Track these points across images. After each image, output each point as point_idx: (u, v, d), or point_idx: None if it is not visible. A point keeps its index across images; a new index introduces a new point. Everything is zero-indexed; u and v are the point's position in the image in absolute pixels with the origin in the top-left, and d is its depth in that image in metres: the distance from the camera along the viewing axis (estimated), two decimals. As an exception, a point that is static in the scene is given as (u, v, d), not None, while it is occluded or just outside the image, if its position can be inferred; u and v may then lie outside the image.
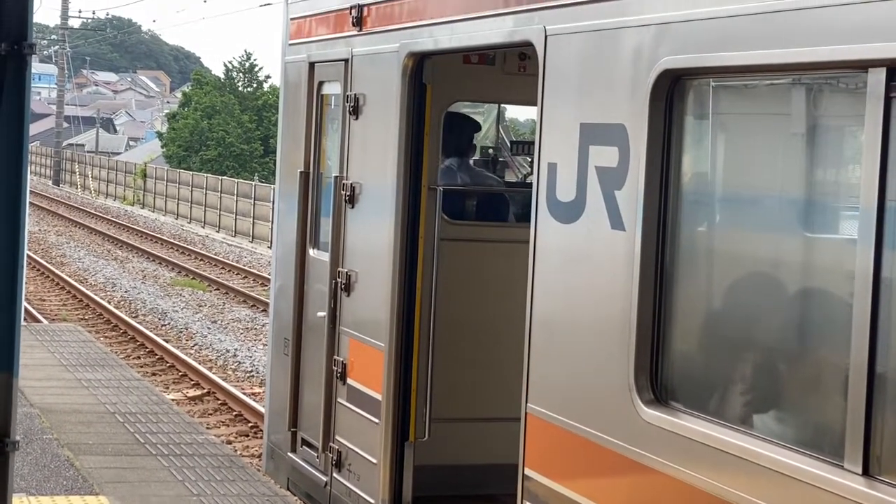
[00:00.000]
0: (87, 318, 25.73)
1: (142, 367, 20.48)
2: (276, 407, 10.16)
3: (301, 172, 9.62)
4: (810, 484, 4.68)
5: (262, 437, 11.69)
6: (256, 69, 73.53)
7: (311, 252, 9.58)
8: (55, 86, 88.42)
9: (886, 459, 4.55)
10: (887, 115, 4.51)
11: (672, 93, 5.56)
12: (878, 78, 4.52)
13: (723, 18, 5.24)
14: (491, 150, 10.28)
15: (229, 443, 15.55)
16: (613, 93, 5.90)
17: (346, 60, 8.87)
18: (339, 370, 8.82)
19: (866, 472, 4.54)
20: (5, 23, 5.25)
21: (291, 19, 10.05)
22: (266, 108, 69.80)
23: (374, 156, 8.51)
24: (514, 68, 8.92)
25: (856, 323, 4.59)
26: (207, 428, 15.38)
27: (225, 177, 55.62)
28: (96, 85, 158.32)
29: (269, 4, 50.30)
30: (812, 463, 4.74)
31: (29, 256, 33.59)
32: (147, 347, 22.35)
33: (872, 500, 4.46)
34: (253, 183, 49.27)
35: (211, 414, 17.76)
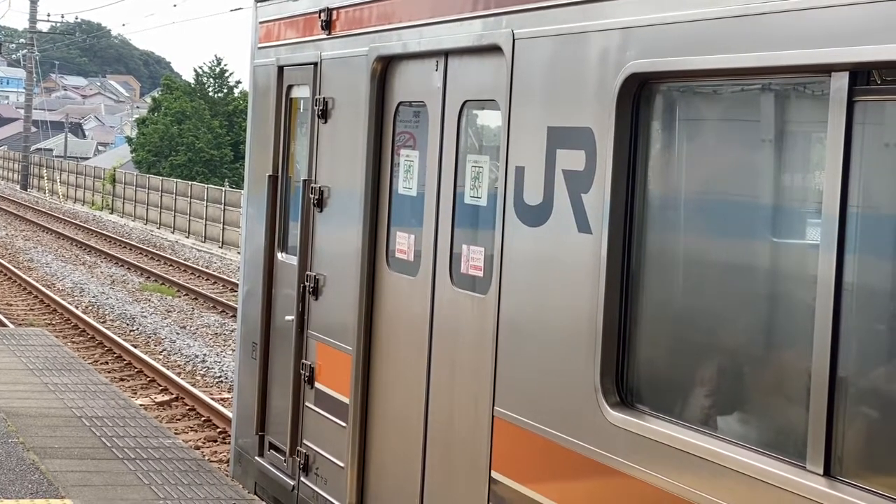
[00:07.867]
0: (54, 322, 25.60)
1: (109, 371, 20.40)
2: (243, 411, 10.14)
3: (269, 176, 9.62)
4: (773, 485, 4.72)
5: (230, 443, 11.66)
6: (227, 74, 73.35)
7: (280, 256, 9.58)
8: (23, 90, 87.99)
9: (847, 460, 4.60)
10: (849, 119, 4.54)
11: (639, 96, 5.60)
12: (840, 82, 4.56)
13: (689, 23, 5.27)
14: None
15: (197, 448, 15.50)
16: (580, 96, 5.93)
17: (315, 64, 8.87)
18: (307, 374, 8.82)
19: (828, 473, 4.59)
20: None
21: (261, 23, 10.05)
22: (236, 113, 69.59)
23: (342, 160, 8.52)
24: None
25: (818, 326, 4.64)
26: (175, 433, 15.34)
27: (195, 182, 55.44)
28: (65, 89, 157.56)
29: (239, 9, 50.23)
30: (775, 464, 4.78)
31: (-4, 261, 33.43)
32: (115, 353, 22.26)
33: (834, 501, 4.50)
34: (223, 188, 49.16)
35: (179, 419, 17.71)
